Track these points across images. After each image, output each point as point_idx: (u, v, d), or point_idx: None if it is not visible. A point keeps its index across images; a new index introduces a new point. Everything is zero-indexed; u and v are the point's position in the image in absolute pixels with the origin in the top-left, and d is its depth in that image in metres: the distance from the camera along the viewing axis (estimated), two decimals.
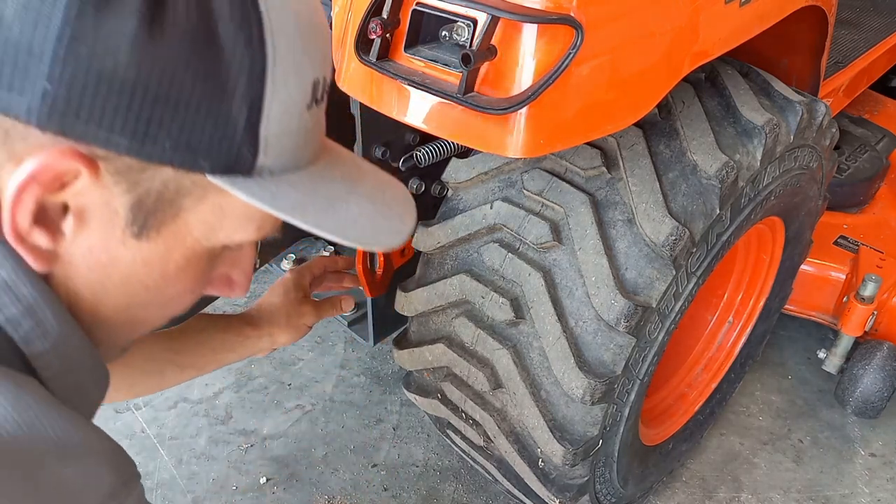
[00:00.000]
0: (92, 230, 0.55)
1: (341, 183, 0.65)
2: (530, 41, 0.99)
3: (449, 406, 1.50)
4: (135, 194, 0.55)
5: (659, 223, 1.24)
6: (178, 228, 0.58)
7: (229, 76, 0.52)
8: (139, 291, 0.61)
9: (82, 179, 0.52)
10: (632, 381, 1.37)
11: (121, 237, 0.56)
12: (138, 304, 0.63)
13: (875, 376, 2.01)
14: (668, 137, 1.33)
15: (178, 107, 0.51)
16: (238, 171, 0.56)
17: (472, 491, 1.96)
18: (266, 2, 0.53)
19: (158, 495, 1.93)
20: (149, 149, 0.52)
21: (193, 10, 0.50)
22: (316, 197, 0.61)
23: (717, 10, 1.21)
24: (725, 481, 2.03)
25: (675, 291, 1.31)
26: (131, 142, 0.51)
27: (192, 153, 0.53)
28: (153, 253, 0.58)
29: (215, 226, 0.59)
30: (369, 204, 0.66)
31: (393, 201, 0.69)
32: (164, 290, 0.62)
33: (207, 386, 2.24)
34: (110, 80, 0.49)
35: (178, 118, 0.52)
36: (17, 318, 0.55)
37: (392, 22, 1.08)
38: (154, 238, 0.58)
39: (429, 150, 1.47)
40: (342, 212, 0.62)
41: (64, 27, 0.48)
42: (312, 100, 0.60)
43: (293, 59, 0.56)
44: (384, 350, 2.34)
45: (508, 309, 1.31)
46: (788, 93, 1.47)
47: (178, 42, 0.50)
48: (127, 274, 0.59)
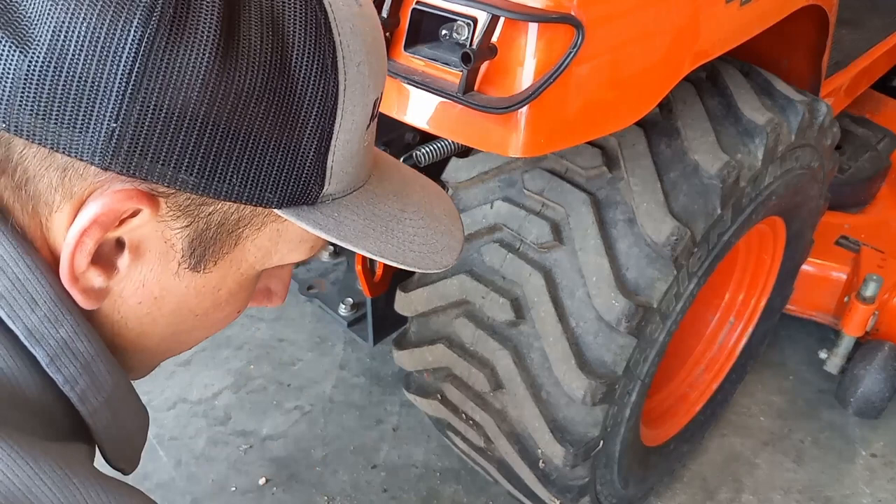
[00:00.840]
0: (146, 264, 0.53)
1: (394, 199, 0.63)
2: (531, 40, 0.99)
3: (449, 407, 1.50)
4: (194, 228, 0.52)
5: (660, 223, 1.24)
6: (235, 257, 0.56)
7: (302, 108, 0.50)
8: (187, 319, 0.59)
9: (142, 216, 0.50)
10: (633, 382, 1.36)
11: (176, 270, 0.54)
12: (184, 331, 0.61)
13: (876, 377, 2.00)
14: (669, 137, 1.33)
15: (247, 142, 0.49)
16: (304, 202, 0.54)
17: (473, 492, 1.96)
18: (339, 26, 0.51)
19: (158, 496, 1.92)
20: (216, 186, 0.49)
21: (267, 37, 0.48)
22: (375, 220, 0.60)
23: (718, 9, 1.20)
24: (726, 482, 2.02)
25: (677, 292, 1.31)
26: (199, 179, 0.49)
27: (259, 189, 0.51)
28: (208, 283, 0.57)
29: (271, 251, 0.58)
30: (422, 221, 0.64)
31: (442, 215, 0.67)
32: (212, 315, 0.61)
33: (207, 387, 2.23)
34: (180, 116, 0.46)
35: (247, 154, 0.49)
36: (75, 376, 0.53)
37: (392, 21, 1.08)
38: (210, 269, 0.56)
39: (429, 149, 1.46)
40: (399, 234, 0.61)
41: (134, 62, 0.45)
42: (371, 117, 0.58)
43: (362, 84, 0.54)
44: (384, 350, 2.34)
45: (509, 309, 1.31)
46: (790, 92, 1.47)
47: (251, 73, 0.47)
48: (178, 304, 0.57)
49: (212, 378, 2.26)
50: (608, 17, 1.02)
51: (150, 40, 0.45)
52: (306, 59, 0.49)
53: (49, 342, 0.51)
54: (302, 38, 0.49)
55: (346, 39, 0.51)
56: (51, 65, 0.45)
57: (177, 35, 0.45)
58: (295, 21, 0.49)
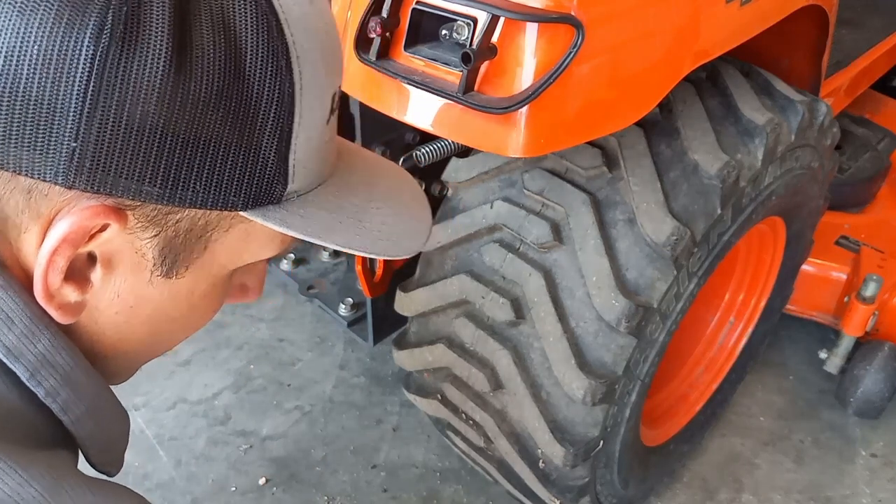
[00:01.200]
0: (119, 275, 0.54)
1: (361, 190, 0.64)
2: (531, 40, 0.99)
3: (449, 407, 1.50)
4: (163, 237, 0.53)
5: (660, 223, 1.24)
6: (205, 260, 0.57)
7: (259, 110, 0.50)
8: (164, 323, 0.60)
9: (110, 230, 0.50)
10: (633, 382, 1.36)
11: (149, 279, 0.55)
12: (162, 333, 0.62)
13: (876, 377, 2.00)
14: (669, 137, 1.33)
15: (208, 149, 0.49)
16: (269, 202, 0.55)
17: (473, 492, 1.96)
18: (290, 26, 0.51)
19: (157, 496, 1.92)
20: (181, 194, 0.50)
21: (220, 44, 0.48)
22: (342, 213, 0.60)
23: (718, 9, 1.20)
24: (726, 482, 2.02)
25: (677, 292, 1.31)
26: (163, 190, 0.49)
27: (223, 193, 0.52)
28: (181, 288, 0.57)
29: (241, 250, 0.58)
30: (389, 209, 0.65)
31: (410, 200, 0.68)
32: (189, 317, 0.62)
33: (206, 387, 2.23)
34: (140, 129, 0.46)
35: (208, 160, 0.50)
36: (56, 388, 0.53)
37: (392, 21, 1.08)
38: (182, 274, 0.56)
39: (429, 149, 1.46)
40: (367, 224, 0.61)
41: (89, 80, 0.44)
42: (330, 112, 0.58)
43: (318, 81, 0.54)
44: (384, 350, 2.33)
45: (509, 309, 1.31)
46: (790, 92, 1.47)
47: (206, 80, 0.47)
48: (153, 310, 0.58)
49: (212, 378, 2.26)
50: (608, 16, 1.02)
51: (103, 57, 0.45)
52: (260, 63, 0.50)
53: (28, 358, 0.52)
54: (254, 41, 0.49)
55: (298, 39, 0.52)
56: (5, 90, 0.45)
57: (129, 49, 0.45)
58: (246, 25, 0.49)
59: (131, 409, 2.14)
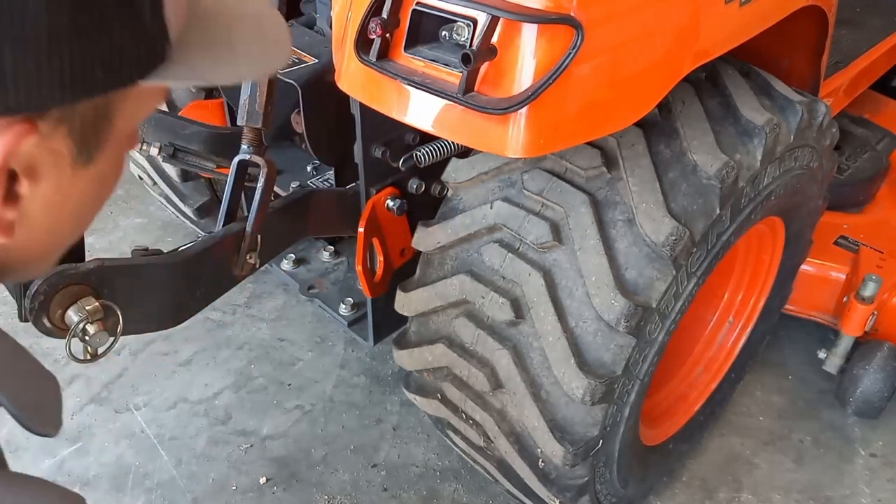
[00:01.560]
0: (44, 180, 0.55)
1: (220, 20, 0.64)
2: (530, 41, 0.99)
3: (449, 406, 1.50)
4: (75, 129, 0.54)
5: (659, 223, 1.24)
6: (113, 133, 0.58)
7: None
8: (88, 207, 0.63)
9: (25, 143, 0.51)
10: (632, 382, 1.37)
11: (71, 174, 0.56)
12: (86, 217, 0.65)
13: (875, 376, 2.01)
14: (668, 137, 1.33)
15: (98, 33, 0.49)
16: (159, 63, 0.56)
17: (473, 491, 1.96)
18: None
19: (158, 496, 1.93)
20: (83, 88, 0.50)
21: None
22: (217, 49, 0.61)
23: (718, 9, 1.21)
24: (726, 482, 2.02)
25: (676, 291, 1.31)
26: (65, 91, 0.49)
27: (123, 71, 0.52)
28: (100, 169, 0.59)
29: (138, 111, 0.60)
30: (249, 29, 0.65)
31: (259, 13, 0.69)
32: (107, 190, 0.64)
33: (207, 386, 2.23)
34: (32, 41, 0.46)
35: (101, 45, 0.50)
36: None
37: (392, 22, 1.08)
38: (98, 156, 0.58)
39: (429, 150, 1.47)
40: (240, 49, 0.63)
41: None
42: None
43: None
44: (384, 350, 2.34)
45: (508, 309, 1.31)
46: (789, 93, 1.47)
47: None
48: (79, 199, 0.60)
49: (212, 378, 2.26)
50: (608, 17, 1.03)
51: None
52: None
53: None
54: None
55: None
56: None
57: None
58: None
59: (132, 409, 2.15)
